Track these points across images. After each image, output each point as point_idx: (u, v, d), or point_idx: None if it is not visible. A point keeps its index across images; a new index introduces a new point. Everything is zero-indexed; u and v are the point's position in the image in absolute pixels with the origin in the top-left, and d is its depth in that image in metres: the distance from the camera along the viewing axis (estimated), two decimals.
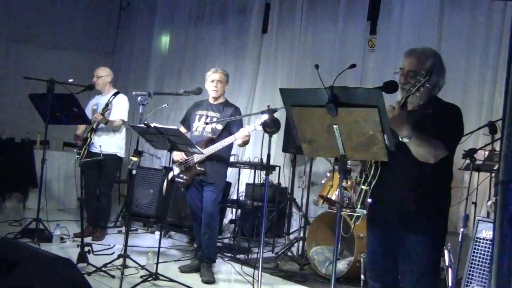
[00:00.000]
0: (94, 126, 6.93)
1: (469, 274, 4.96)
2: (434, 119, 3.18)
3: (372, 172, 3.27)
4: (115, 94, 7.12)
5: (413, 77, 3.22)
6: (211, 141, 5.64)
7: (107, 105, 6.89)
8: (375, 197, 3.28)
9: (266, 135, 4.40)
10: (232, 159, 6.55)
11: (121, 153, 7.20)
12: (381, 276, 3.50)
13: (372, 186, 3.26)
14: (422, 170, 3.21)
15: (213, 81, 5.80)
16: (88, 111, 7.03)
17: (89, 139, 6.93)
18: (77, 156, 7.00)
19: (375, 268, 3.55)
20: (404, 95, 3.13)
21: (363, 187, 3.30)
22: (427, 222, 3.26)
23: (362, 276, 5.49)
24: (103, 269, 5.42)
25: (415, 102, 3.31)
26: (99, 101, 7.19)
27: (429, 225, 3.27)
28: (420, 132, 3.08)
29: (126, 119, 7.10)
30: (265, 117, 4.63)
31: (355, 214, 3.37)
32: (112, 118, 6.95)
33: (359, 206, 3.29)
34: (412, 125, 3.05)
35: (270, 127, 4.37)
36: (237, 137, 5.46)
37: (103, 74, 7.19)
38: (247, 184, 8.09)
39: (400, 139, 3.06)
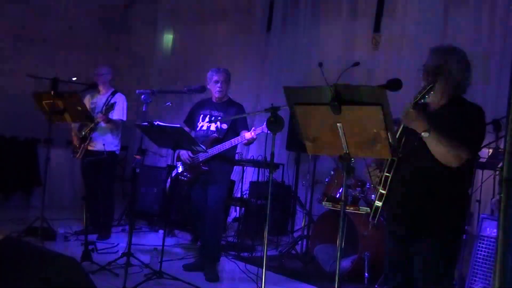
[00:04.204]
0: (93, 125, 6.93)
1: (473, 272, 4.96)
2: (455, 120, 3.14)
3: (389, 174, 3.26)
4: (113, 93, 7.13)
5: (436, 75, 3.21)
6: (217, 141, 5.63)
7: (111, 105, 6.89)
8: (395, 198, 3.27)
9: (270, 133, 4.39)
10: (236, 157, 6.55)
11: (118, 150, 7.23)
12: (397, 275, 3.49)
13: (387, 188, 3.25)
14: (440, 174, 3.17)
15: (217, 81, 5.78)
16: None
17: (88, 138, 6.94)
18: (73, 155, 7.03)
19: (391, 267, 3.54)
20: (414, 99, 3.11)
21: (379, 188, 3.29)
22: (444, 227, 3.22)
23: (366, 274, 5.49)
24: (107, 267, 5.43)
25: (436, 102, 3.29)
26: (97, 99, 7.20)
27: (446, 229, 3.23)
28: (442, 133, 3.07)
29: (125, 119, 7.12)
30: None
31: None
32: (112, 117, 6.95)
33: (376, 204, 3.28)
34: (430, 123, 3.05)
35: (274, 125, 4.36)
36: (243, 139, 5.46)
37: (105, 72, 7.19)
38: (251, 182, 8.09)
39: (419, 136, 3.05)
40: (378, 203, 3.26)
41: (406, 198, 3.29)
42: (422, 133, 3.04)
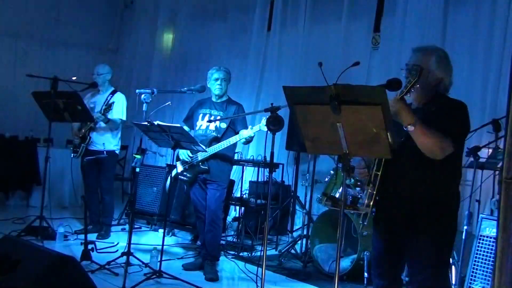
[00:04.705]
0: (92, 125, 6.93)
1: (472, 272, 4.96)
2: (438, 115, 3.16)
3: (378, 172, 3.26)
4: (113, 93, 7.14)
5: (417, 71, 3.22)
6: (215, 140, 5.63)
7: (109, 105, 6.89)
8: (383, 196, 3.27)
9: (270, 133, 4.39)
10: (235, 157, 6.56)
11: (118, 150, 7.23)
12: (385, 274, 3.50)
13: (376, 186, 3.25)
14: (429, 169, 3.19)
15: (217, 79, 5.79)
16: None
17: (88, 138, 6.94)
18: (73, 154, 7.03)
19: (380, 266, 3.54)
20: (399, 93, 3.13)
21: (368, 188, 3.29)
22: (435, 222, 3.24)
23: (366, 274, 5.49)
24: (107, 266, 5.43)
25: (418, 100, 3.31)
26: (96, 99, 7.20)
27: (437, 224, 3.25)
28: (427, 125, 3.08)
29: (125, 119, 7.12)
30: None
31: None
32: (111, 116, 6.95)
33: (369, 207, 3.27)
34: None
35: (274, 125, 4.36)
36: (241, 137, 5.47)
37: (104, 72, 7.19)
38: (251, 182, 8.09)
39: (404, 128, 3.05)
40: (368, 203, 3.28)
41: (396, 196, 3.30)
42: (408, 126, 3.05)
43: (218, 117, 5.71)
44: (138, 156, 5.30)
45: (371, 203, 3.26)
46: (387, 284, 3.48)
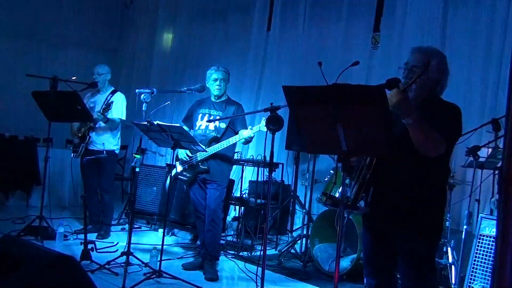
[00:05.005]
0: (92, 125, 6.93)
1: (472, 271, 4.95)
2: (434, 116, 3.17)
3: (368, 170, 3.27)
4: (113, 92, 7.14)
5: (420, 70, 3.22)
6: (215, 140, 5.64)
7: (108, 105, 6.89)
8: (374, 193, 3.28)
9: (269, 133, 4.39)
10: (235, 156, 6.55)
11: (117, 149, 7.23)
12: (376, 273, 3.51)
13: (364, 182, 3.26)
14: (419, 168, 3.21)
15: (216, 79, 5.79)
16: None
17: (87, 137, 6.94)
18: (73, 154, 7.02)
19: (371, 265, 3.55)
20: (402, 86, 3.13)
21: (358, 181, 3.30)
22: (424, 220, 3.27)
23: None
24: (107, 266, 5.44)
25: (414, 100, 3.31)
26: (96, 99, 7.20)
27: (426, 222, 3.28)
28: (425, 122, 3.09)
29: (124, 118, 7.13)
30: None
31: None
32: (111, 116, 6.95)
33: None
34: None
35: (273, 124, 4.36)
36: (241, 138, 5.47)
37: (104, 72, 7.18)
38: (251, 182, 8.09)
39: (403, 120, 3.05)
40: (355, 197, 3.29)
41: (387, 193, 3.31)
42: (407, 118, 3.05)
43: (218, 117, 5.71)
44: (138, 156, 5.30)
45: (358, 198, 3.26)
46: (380, 283, 3.48)
